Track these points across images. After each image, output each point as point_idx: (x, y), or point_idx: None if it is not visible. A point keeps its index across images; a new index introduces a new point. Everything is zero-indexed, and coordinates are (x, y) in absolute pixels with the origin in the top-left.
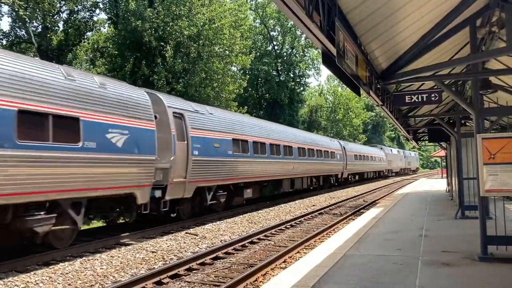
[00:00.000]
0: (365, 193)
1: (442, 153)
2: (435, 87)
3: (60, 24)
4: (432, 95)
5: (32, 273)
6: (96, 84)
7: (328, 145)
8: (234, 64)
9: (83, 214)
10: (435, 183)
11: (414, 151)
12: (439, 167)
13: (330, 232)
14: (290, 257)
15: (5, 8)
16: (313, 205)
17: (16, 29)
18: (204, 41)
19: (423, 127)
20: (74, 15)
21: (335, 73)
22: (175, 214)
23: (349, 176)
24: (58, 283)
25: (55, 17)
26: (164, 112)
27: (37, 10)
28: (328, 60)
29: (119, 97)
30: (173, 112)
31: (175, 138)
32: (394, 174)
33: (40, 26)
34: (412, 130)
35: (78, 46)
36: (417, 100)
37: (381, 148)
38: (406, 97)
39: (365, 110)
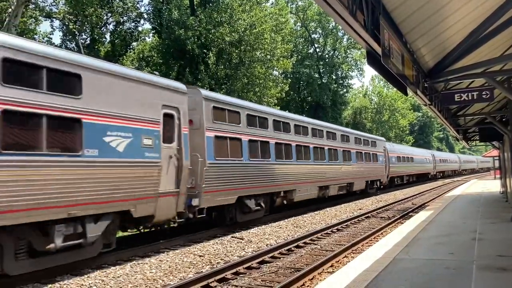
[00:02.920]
0: (413, 196)
1: (495, 153)
2: (486, 84)
3: (107, 36)
4: (483, 93)
5: (85, 276)
6: None
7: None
8: (275, 68)
9: None
10: (488, 184)
11: (463, 151)
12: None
13: (378, 236)
14: (338, 261)
15: (56, 23)
16: (360, 209)
17: (67, 42)
18: (245, 47)
19: (473, 126)
20: (120, 26)
21: (381, 72)
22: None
23: (396, 179)
24: (110, 286)
25: (102, 29)
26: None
27: (86, 23)
28: (373, 59)
29: None
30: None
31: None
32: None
33: (89, 38)
34: (462, 130)
35: (125, 56)
36: (467, 99)
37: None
38: (455, 95)
39: (412, 110)
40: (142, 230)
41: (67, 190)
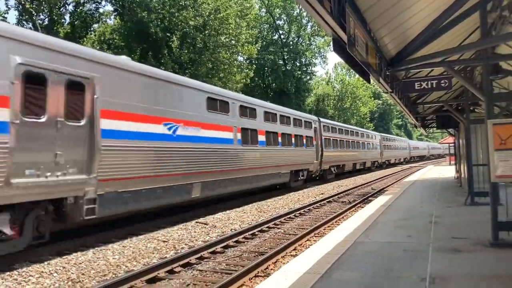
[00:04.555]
0: (372, 181)
1: (450, 140)
2: (445, 73)
3: (67, 17)
4: (442, 81)
5: (46, 263)
6: None
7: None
8: (240, 53)
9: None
10: (443, 170)
11: (421, 138)
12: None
13: (339, 220)
14: (300, 245)
15: (12, 1)
16: (322, 194)
17: (23, 22)
18: (210, 31)
19: (431, 114)
20: (80, 7)
21: (346, 60)
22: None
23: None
24: (72, 272)
25: (61, 9)
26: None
27: (43, 2)
28: (338, 47)
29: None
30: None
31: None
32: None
33: (47, 19)
34: (421, 117)
35: (85, 38)
36: (426, 87)
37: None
38: (416, 83)
39: (373, 98)
40: None
41: None
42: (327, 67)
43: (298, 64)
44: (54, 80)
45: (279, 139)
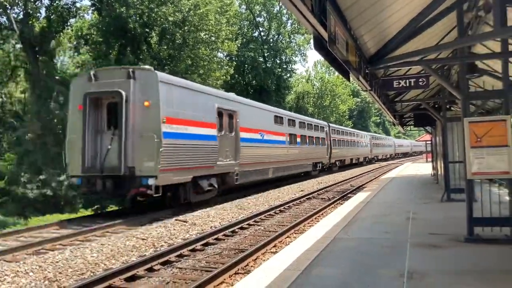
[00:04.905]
0: (350, 178)
1: (427, 137)
2: (423, 71)
3: (42, 11)
4: (420, 80)
5: (21, 262)
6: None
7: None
8: (220, 50)
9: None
10: (421, 167)
11: (398, 136)
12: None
13: (319, 216)
14: (281, 242)
15: None
16: (301, 191)
17: None
18: (189, 27)
19: (409, 112)
20: (57, 1)
21: (326, 58)
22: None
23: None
24: (49, 271)
25: (36, 3)
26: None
27: None
28: (319, 45)
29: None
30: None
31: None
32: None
33: (22, 13)
34: (398, 115)
35: (62, 33)
36: (405, 85)
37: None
38: (394, 82)
39: (351, 96)
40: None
41: None
42: (307, 65)
43: (278, 61)
44: (225, 113)
45: (307, 140)
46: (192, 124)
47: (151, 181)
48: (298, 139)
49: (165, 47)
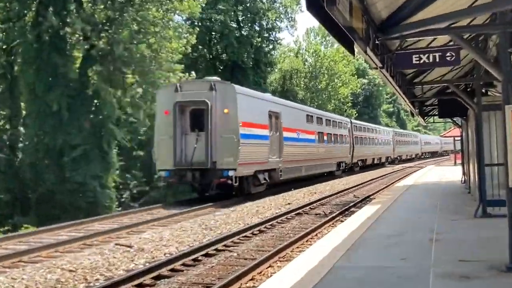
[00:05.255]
0: (354, 186)
1: (456, 132)
2: (451, 43)
3: None
4: (447, 54)
5: None
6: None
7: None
8: (177, 12)
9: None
10: (447, 172)
11: (418, 130)
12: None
13: (311, 238)
14: (260, 273)
15: None
16: (288, 204)
17: None
18: None
19: (432, 97)
20: None
21: (324, 23)
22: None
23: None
24: None
25: None
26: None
27: None
28: (313, 6)
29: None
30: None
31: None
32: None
33: None
34: (418, 102)
35: None
36: (427, 61)
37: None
38: (413, 56)
39: (355, 76)
40: None
41: None
42: (297, 34)
43: (257, 28)
44: (273, 115)
45: (332, 138)
46: (255, 126)
47: (231, 173)
48: (325, 137)
49: (102, 6)
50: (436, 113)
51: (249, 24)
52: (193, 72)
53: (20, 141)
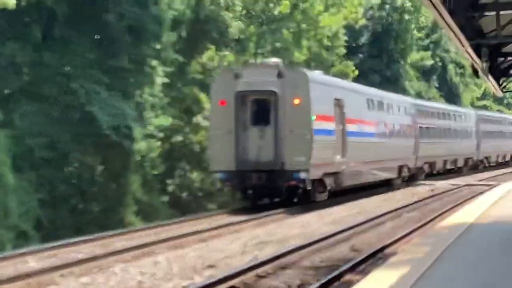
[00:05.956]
0: (345, 231)
1: None
2: None
3: None
4: None
5: None
6: None
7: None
8: None
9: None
10: None
11: (477, 106)
12: None
13: None
14: None
15: None
16: None
17: None
18: None
19: None
20: None
21: None
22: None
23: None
24: None
25: None
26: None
27: None
28: None
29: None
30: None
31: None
32: None
33: None
34: (489, 47)
35: None
36: None
37: None
38: None
39: None
40: None
41: None
42: None
43: None
44: (336, 104)
45: (394, 129)
46: (325, 119)
47: (303, 175)
48: (387, 130)
49: None
50: None
51: None
52: None
53: None
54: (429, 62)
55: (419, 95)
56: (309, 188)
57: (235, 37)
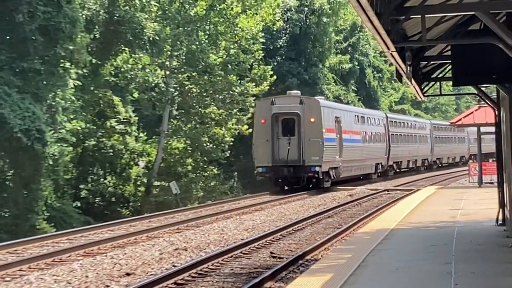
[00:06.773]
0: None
1: (479, 116)
2: None
3: None
4: None
5: None
6: None
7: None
8: None
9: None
10: (467, 199)
11: (401, 108)
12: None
13: None
14: None
15: None
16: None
17: None
18: None
19: (441, 40)
20: None
21: None
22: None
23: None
24: None
25: None
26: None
27: None
28: None
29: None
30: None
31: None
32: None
33: None
34: (412, 51)
35: None
36: None
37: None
38: None
39: None
40: None
41: None
42: None
43: None
44: (335, 120)
45: (372, 136)
46: (330, 131)
47: (317, 168)
48: (367, 136)
49: None
50: (448, 75)
51: None
52: None
53: None
54: (347, 66)
55: (338, 99)
56: (321, 177)
57: (150, 39)
